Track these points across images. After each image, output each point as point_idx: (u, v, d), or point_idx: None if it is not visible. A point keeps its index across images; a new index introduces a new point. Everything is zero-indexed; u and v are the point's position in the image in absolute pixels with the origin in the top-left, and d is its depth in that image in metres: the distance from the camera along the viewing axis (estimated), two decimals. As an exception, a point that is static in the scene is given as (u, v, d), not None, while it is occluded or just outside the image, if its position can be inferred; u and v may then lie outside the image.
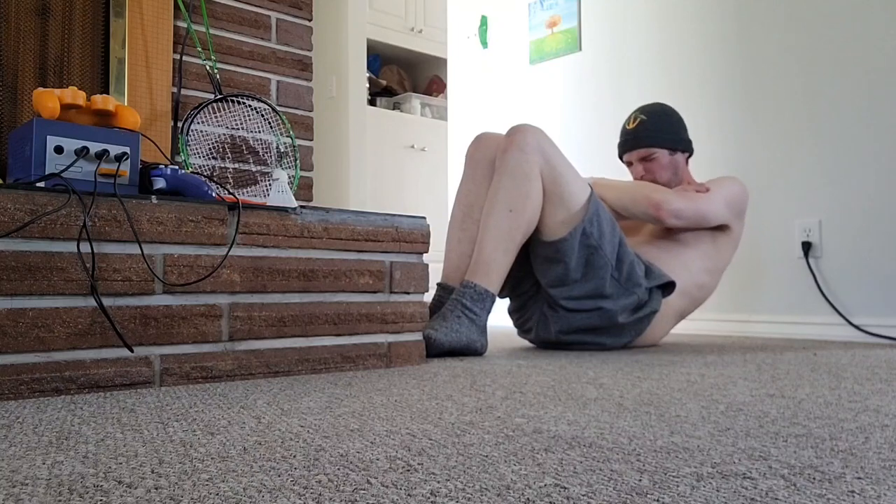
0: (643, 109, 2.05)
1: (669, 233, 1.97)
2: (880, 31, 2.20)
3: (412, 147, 4.20)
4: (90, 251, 1.03)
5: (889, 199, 2.17)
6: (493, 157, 1.85)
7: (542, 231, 1.74)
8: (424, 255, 1.47)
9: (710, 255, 1.96)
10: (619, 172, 2.76)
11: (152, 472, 0.59)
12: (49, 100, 1.12)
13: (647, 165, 2.02)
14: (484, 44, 3.49)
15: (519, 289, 1.89)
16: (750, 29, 2.52)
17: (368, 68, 4.24)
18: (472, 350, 1.64)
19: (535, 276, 1.85)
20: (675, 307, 1.93)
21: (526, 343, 2.06)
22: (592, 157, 2.96)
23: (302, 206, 1.29)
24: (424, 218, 1.47)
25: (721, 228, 1.97)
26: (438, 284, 1.80)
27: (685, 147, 2.04)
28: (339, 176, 3.88)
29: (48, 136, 1.10)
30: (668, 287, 1.84)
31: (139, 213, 1.09)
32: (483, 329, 1.67)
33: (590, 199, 1.73)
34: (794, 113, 2.39)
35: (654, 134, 2.00)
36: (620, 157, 2.09)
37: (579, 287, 1.74)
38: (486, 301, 1.67)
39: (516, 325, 1.96)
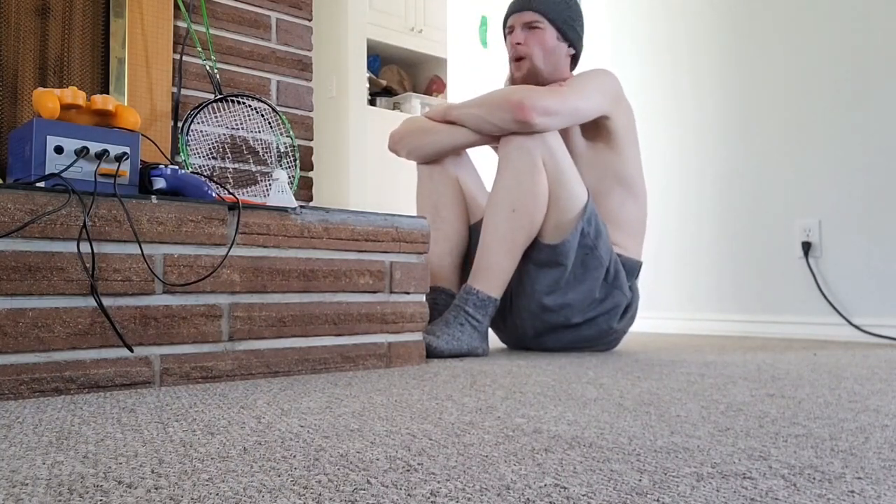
0: None
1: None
2: (880, 31, 2.20)
3: (412, 147, 4.19)
4: (90, 251, 1.03)
5: (889, 199, 2.17)
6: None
7: (542, 233, 1.69)
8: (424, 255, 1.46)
9: (620, 179, 1.78)
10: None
11: (152, 472, 0.59)
12: (49, 100, 1.12)
13: (529, 35, 1.79)
14: (484, 44, 3.49)
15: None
16: (750, 28, 2.52)
17: (368, 68, 4.24)
18: (473, 357, 1.63)
19: (511, 284, 1.75)
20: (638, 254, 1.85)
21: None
22: (592, 157, 2.96)
23: (302, 206, 1.29)
24: (424, 218, 1.47)
25: (607, 131, 1.77)
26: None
27: (574, 41, 1.82)
28: (339, 176, 3.88)
29: (48, 136, 1.10)
30: (639, 269, 1.80)
31: (139, 213, 1.09)
32: (484, 335, 1.66)
33: (588, 200, 1.68)
34: (794, 112, 2.39)
35: (549, 3, 1.78)
36: (505, 23, 1.87)
37: (573, 292, 1.68)
38: (489, 307, 1.65)
39: (492, 325, 1.88)
